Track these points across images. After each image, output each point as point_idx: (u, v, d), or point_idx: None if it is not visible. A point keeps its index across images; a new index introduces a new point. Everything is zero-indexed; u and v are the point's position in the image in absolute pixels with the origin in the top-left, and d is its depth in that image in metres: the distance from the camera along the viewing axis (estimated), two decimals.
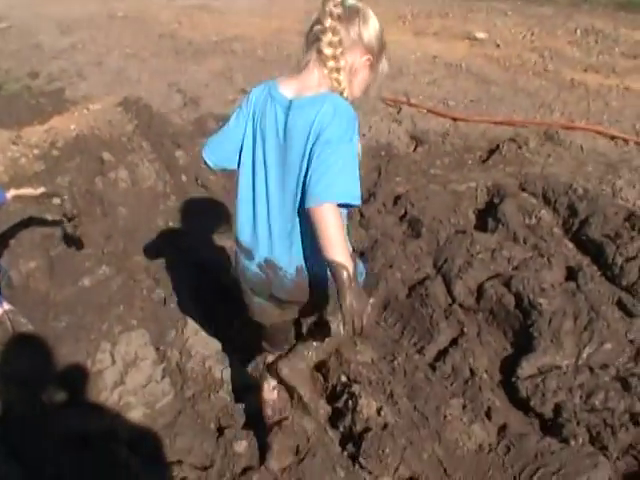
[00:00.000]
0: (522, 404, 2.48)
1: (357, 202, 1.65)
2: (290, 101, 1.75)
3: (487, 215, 3.80)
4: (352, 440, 2.24)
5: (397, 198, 4.14)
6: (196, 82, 7.26)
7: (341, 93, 1.74)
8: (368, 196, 4.17)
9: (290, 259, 1.85)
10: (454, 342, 2.72)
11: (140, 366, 2.72)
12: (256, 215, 1.87)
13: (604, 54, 7.38)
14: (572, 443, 2.23)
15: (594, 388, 2.42)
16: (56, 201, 3.35)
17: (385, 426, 2.21)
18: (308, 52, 1.77)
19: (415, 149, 4.98)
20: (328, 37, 1.71)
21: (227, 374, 2.78)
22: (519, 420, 2.43)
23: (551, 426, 2.37)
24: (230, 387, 2.75)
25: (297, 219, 1.80)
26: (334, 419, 2.39)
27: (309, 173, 1.66)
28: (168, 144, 4.83)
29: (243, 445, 2.37)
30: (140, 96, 5.92)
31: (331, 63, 1.73)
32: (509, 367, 2.62)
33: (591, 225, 3.57)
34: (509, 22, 8.68)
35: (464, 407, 2.42)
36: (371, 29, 1.77)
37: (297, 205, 1.77)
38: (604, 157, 4.64)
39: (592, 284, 3.07)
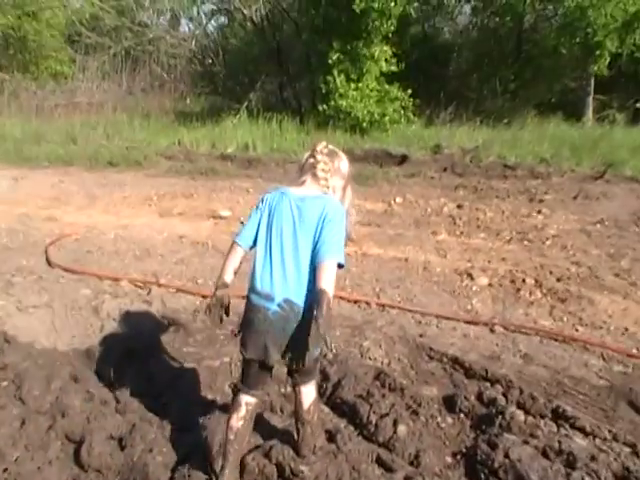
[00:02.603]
0: None
1: (343, 262, 2.82)
2: (304, 197, 2.90)
3: None
4: None
5: (151, 379, 4.22)
6: None
7: None
8: (121, 378, 4.20)
9: (304, 298, 2.82)
10: None
11: None
12: (277, 269, 2.84)
13: None
14: None
15: None
16: None
17: None
18: (303, 175, 2.99)
19: (167, 329, 5.13)
20: (321, 166, 2.95)
21: None
22: None
23: None
24: None
25: (307, 271, 2.82)
26: None
27: (322, 240, 2.78)
28: None
29: None
30: None
31: (323, 182, 2.95)
32: None
33: (344, 387, 3.96)
34: (251, 199, 9.51)
35: None
36: (345, 164, 3.10)
37: (308, 262, 2.81)
38: (350, 320, 5.20)
39: (351, 444, 3.38)
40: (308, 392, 3.13)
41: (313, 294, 2.74)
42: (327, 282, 2.70)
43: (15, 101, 20.12)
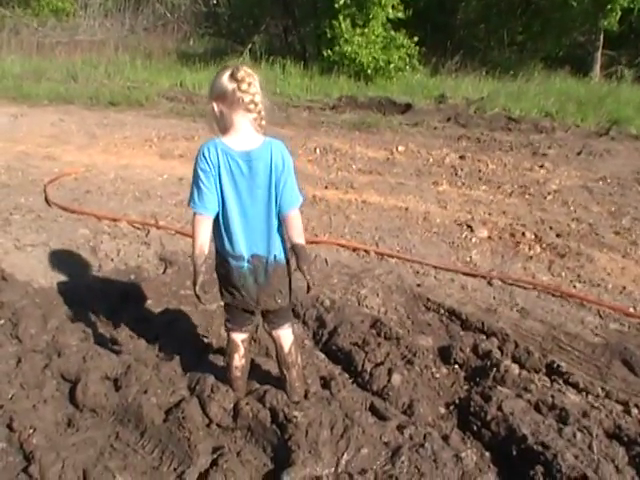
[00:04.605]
0: None
1: (302, 199, 2.93)
2: (248, 152, 2.76)
3: None
4: None
5: (147, 321, 4.22)
6: None
7: None
8: (117, 320, 4.19)
9: (268, 250, 2.90)
10: (215, 463, 2.79)
11: None
12: (240, 231, 2.85)
13: (342, 171, 8.31)
14: None
15: None
16: None
17: None
18: (232, 115, 2.76)
19: (165, 271, 5.11)
20: (249, 97, 2.73)
21: None
22: None
23: None
24: None
25: (270, 223, 2.86)
26: None
27: (280, 192, 2.81)
28: None
29: None
30: None
31: (256, 115, 2.79)
32: None
33: (339, 335, 3.95)
34: None
35: None
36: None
37: (269, 214, 2.84)
38: (348, 268, 5.17)
39: (345, 392, 3.38)
40: (286, 334, 3.18)
41: (285, 245, 2.96)
42: (298, 234, 2.88)
43: (15, 37, 19.68)
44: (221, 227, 2.88)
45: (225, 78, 2.73)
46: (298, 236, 2.88)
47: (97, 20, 21.65)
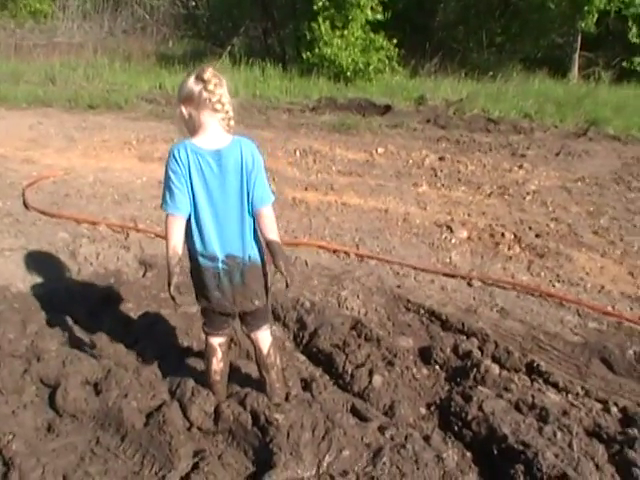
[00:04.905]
0: None
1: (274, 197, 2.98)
2: (217, 151, 2.77)
3: None
4: None
5: (127, 325, 4.20)
6: None
7: None
8: (97, 324, 4.16)
9: (243, 249, 2.89)
10: (196, 466, 2.78)
11: None
12: (213, 230, 2.84)
13: (322, 173, 8.32)
14: None
15: None
16: None
17: None
18: (200, 117, 2.78)
19: (144, 274, 5.08)
20: (216, 97, 2.75)
21: None
22: None
23: None
24: None
25: (243, 223, 2.87)
26: None
27: (251, 190, 2.83)
28: None
29: None
30: None
31: (223, 115, 2.79)
32: None
33: (320, 336, 3.95)
34: None
35: None
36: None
37: (242, 213, 2.85)
38: (328, 270, 5.17)
39: (326, 393, 3.39)
40: (264, 336, 3.17)
41: (261, 245, 2.97)
42: (272, 230, 2.89)
43: None
44: (193, 227, 2.86)
45: (191, 80, 2.77)
46: (272, 233, 2.89)
47: (75, 22, 21.53)
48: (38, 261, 5.19)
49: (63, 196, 7.06)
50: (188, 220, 2.85)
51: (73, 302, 4.47)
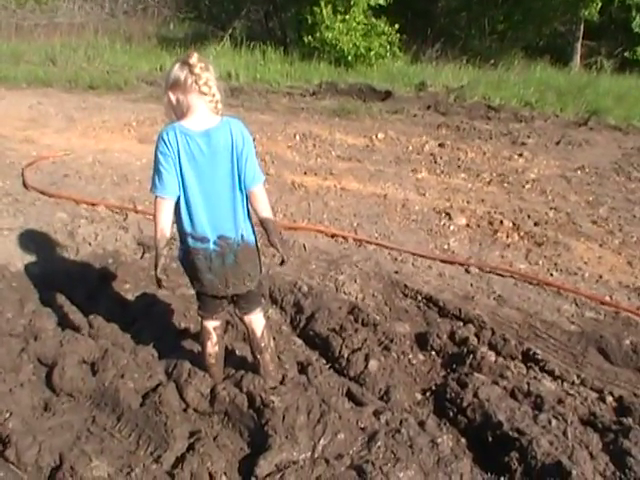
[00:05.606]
0: None
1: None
2: (206, 132, 2.76)
3: None
4: None
5: (124, 305, 4.20)
6: None
7: None
8: (94, 304, 4.16)
9: (235, 230, 2.89)
10: (191, 447, 2.79)
11: None
12: (202, 211, 2.82)
13: (322, 157, 8.28)
14: None
15: (330, 479, 2.65)
16: None
17: None
18: (188, 100, 2.75)
19: (142, 255, 5.07)
20: (203, 81, 2.73)
21: None
22: None
23: None
24: None
25: (235, 203, 2.86)
26: None
27: (242, 170, 2.82)
28: None
29: None
30: None
31: (210, 98, 2.77)
32: (247, 467, 2.74)
33: (317, 320, 3.95)
34: None
35: None
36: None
37: (233, 193, 2.85)
38: (326, 254, 5.16)
39: (322, 377, 3.39)
40: (257, 319, 3.18)
41: (254, 227, 3.00)
42: (265, 209, 2.94)
43: None
44: (182, 208, 2.85)
45: (177, 67, 2.76)
46: (265, 211, 2.93)
47: (77, 3, 21.34)
48: (37, 241, 5.18)
49: (62, 176, 7.03)
50: (177, 202, 2.84)
51: (71, 282, 4.47)
